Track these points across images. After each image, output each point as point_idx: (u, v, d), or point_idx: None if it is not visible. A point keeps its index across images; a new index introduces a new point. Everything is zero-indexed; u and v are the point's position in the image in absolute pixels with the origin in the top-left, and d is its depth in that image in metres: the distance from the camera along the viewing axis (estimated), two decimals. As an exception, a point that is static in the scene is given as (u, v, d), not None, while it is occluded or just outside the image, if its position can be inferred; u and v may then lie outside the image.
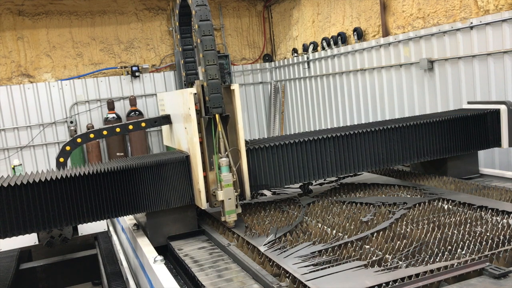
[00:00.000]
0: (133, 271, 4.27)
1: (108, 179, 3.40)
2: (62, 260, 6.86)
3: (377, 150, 4.24)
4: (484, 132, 4.61)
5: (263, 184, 3.88)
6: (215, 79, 3.47)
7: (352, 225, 3.32)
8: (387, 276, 2.42)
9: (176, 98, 4.01)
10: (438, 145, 4.46)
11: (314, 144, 4.02)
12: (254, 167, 3.83)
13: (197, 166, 3.57)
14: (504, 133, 4.60)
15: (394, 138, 4.29)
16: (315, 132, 4.30)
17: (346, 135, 4.12)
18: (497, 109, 4.59)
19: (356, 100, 8.60)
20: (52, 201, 3.24)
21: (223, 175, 3.47)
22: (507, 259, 2.56)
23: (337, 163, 4.10)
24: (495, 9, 5.76)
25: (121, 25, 10.77)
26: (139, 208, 3.55)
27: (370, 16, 8.13)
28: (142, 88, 10.85)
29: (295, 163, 3.97)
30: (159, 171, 3.56)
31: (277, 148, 3.90)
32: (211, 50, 3.48)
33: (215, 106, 3.47)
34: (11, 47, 9.99)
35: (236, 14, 11.85)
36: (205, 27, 3.46)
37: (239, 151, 3.68)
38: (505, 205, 3.39)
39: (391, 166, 4.44)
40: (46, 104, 10.17)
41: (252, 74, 11.96)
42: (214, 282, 2.83)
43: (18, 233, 3.19)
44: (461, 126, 4.52)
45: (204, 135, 3.59)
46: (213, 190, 3.59)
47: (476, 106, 4.85)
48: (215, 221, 3.91)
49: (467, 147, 4.58)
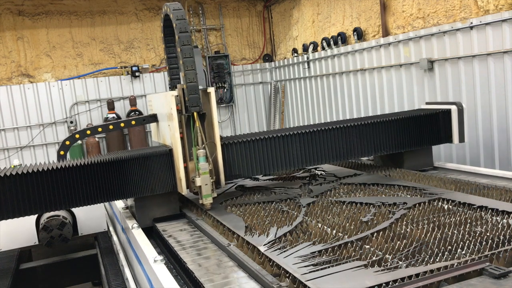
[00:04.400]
0: (133, 271, 4.28)
1: (104, 168, 3.96)
2: (62, 260, 6.85)
3: (338, 145, 4.73)
4: (436, 129, 5.11)
5: (236, 174, 4.42)
6: (193, 82, 4.03)
7: (352, 225, 3.32)
8: (387, 276, 2.42)
9: (161, 100, 4.54)
10: (394, 140, 4.96)
11: (282, 140, 4.51)
12: (228, 159, 4.36)
13: (178, 157, 4.13)
14: (455, 130, 5.08)
15: (353, 134, 4.78)
16: (282, 130, 4.75)
17: (309, 132, 4.59)
18: (448, 109, 5.07)
19: (356, 100, 8.60)
20: (53, 187, 3.79)
21: (201, 164, 4.01)
22: (507, 259, 2.56)
23: (302, 157, 4.60)
24: (495, 9, 5.76)
25: (121, 25, 10.78)
26: (130, 194, 4.12)
27: (370, 16, 8.13)
28: (142, 88, 10.85)
29: (264, 156, 4.48)
30: (146, 162, 4.12)
31: (248, 143, 4.42)
32: (190, 57, 4.04)
33: (193, 105, 4.04)
34: (11, 47, 10.00)
35: (236, 14, 11.85)
36: (184, 38, 4.04)
37: (215, 144, 4.22)
38: (505, 205, 3.39)
39: (351, 159, 5.07)
40: (46, 104, 10.18)
41: (252, 74, 11.96)
42: (194, 259, 3.23)
43: (25, 214, 3.74)
44: (415, 124, 5.02)
45: (185, 130, 4.15)
46: (192, 177, 4.13)
47: (432, 106, 5.34)
48: (193, 206, 4.50)
49: (421, 142, 5.09)
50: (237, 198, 4.54)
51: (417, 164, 5.25)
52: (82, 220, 6.58)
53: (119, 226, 5.18)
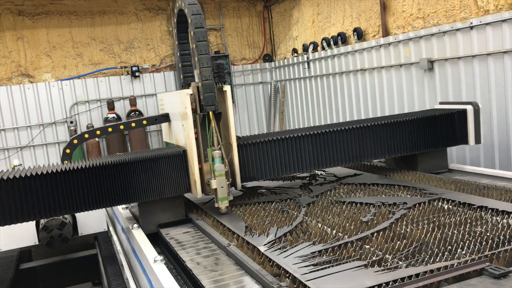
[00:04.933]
0: (133, 271, 4.28)
1: (114, 171, 3.76)
2: (62, 260, 6.86)
3: (351, 147, 4.57)
4: (452, 130, 4.92)
5: (252, 176, 4.27)
6: (208, 80, 3.83)
7: (352, 225, 3.32)
8: (387, 276, 2.42)
9: (174, 98, 4.35)
10: (409, 142, 4.79)
11: (294, 141, 4.38)
12: (244, 161, 4.21)
13: (193, 159, 3.93)
14: (471, 131, 4.90)
15: (366, 135, 4.60)
16: (295, 130, 4.63)
17: (322, 133, 4.45)
18: (464, 109, 4.89)
19: (356, 100, 8.60)
20: (55, 191, 3.59)
21: (216, 166, 3.83)
22: (507, 259, 2.56)
23: (314, 158, 4.46)
24: (495, 9, 5.76)
25: (121, 25, 10.78)
26: (140, 198, 3.90)
27: (370, 16, 8.13)
28: (142, 88, 10.85)
29: (278, 158, 4.36)
30: (160, 164, 3.93)
31: (263, 144, 4.29)
32: (205, 54, 3.84)
33: (209, 104, 3.84)
34: (11, 47, 10.00)
35: (236, 14, 11.85)
36: (199, 33, 3.85)
37: (231, 145, 4.04)
38: (505, 205, 3.39)
39: (364, 161, 4.82)
40: (46, 104, 10.17)
41: (252, 74, 11.96)
42: (193, 258, 3.24)
43: (23, 220, 3.54)
44: (430, 125, 4.84)
45: (199, 130, 3.95)
46: (207, 179, 3.94)
47: (446, 106, 5.14)
48: (199, 210, 4.32)
49: (436, 144, 4.90)
50: (237, 198, 4.54)
51: (431, 166, 5.03)
52: (82, 220, 6.59)
53: (119, 226, 5.18)
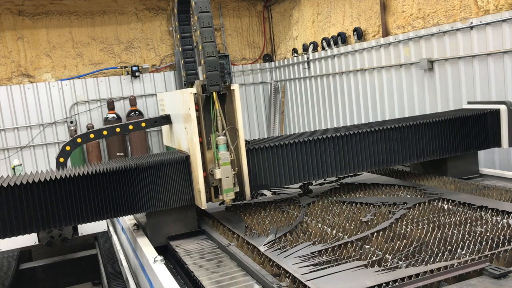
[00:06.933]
0: (133, 271, 4.27)
1: (110, 179, 3.40)
2: (62, 260, 6.86)
3: (377, 150, 4.24)
4: (484, 132, 4.58)
5: (263, 184, 3.85)
6: (212, 57, 3.42)
7: (352, 225, 3.31)
8: (387, 276, 2.42)
9: (176, 98, 3.99)
10: (438, 145, 4.45)
11: (314, 144, 4.02)
12: (254, 167, 3.80)
13: (197, 166, 3.52)
14: (504, 133, 4.58)
15: (394, 138, 4.29)
16: (314, 132, 4.30)
17: (345, 135, 4.12)
18: (497, 109, 4.57)
19: (356, 100, 8.60)
20: (52, 200, 3.24)
21: (221, 153, 3.43)
22: (507, 259, 2.56)
23: (336, 163, 4.10)
24: (495, 9, 5.76)
25: (121, 25, 10.77)
26: (140, 208, 3.53)
27: (370, 16, 8.13)
28: (142, 88, 10.85)
29: (295, 163, 3.97)
30: (159, 171, 3.54)
31: (277, 148, 3.88)
32: (209, 27, 3.43)
33: (213, 84, 3.43)
34: (11, 47, 9.99)
35: (236, 14, 11.84)
36: (201, 3, 3.49)
37: (237, 129, 3.63)
38: (505, 205, 3.39)
39: (391, 166, 4.43)
40: (46, 104, 10.17)
41: (252, 74, 11.95)
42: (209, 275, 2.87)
43: (18, 233, 3.19)
44: (461, 126, 4.50)
45: (202, 113, 3.54)
46: (210, 169, 3.53)
47: (476, 106, 4.82)
48: (215, 221, 3.92)
49: (467, 147, 4.56)
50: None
51: (462, 171, 4.69)
52: (82, 220, 6.57)
53: (119, 226, 5.17)
